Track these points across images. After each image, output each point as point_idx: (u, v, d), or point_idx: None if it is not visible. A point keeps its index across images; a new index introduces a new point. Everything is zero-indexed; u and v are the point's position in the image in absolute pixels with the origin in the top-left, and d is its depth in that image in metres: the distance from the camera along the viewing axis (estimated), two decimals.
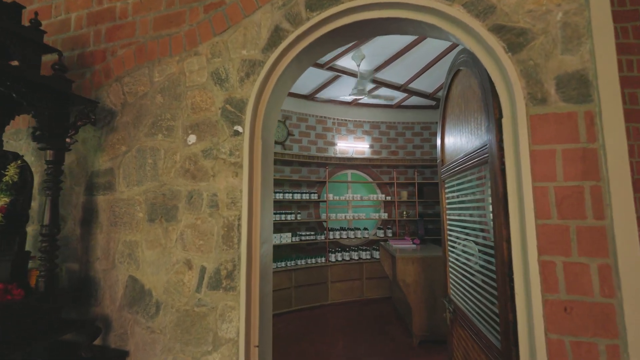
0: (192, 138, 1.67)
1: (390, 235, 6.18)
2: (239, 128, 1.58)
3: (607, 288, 1.03)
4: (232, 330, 1.48)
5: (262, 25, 1.60)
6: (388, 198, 6.26)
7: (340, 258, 5.71)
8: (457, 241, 1.91)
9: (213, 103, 1.65)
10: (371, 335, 4.21)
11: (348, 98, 6.03)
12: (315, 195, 5.82)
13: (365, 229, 6.07)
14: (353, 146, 6.39)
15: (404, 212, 6.33)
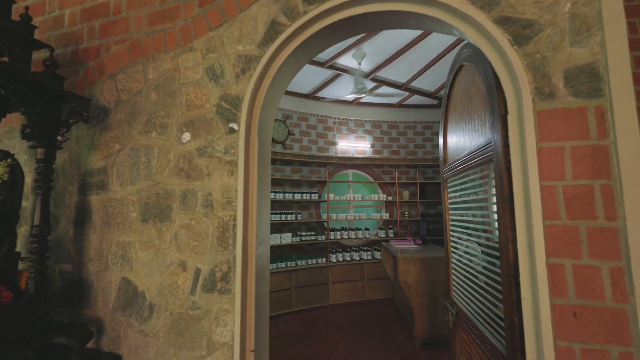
0: (187, 136, 1.62)
1: (391, 235, 6.12)
2: (234, 125, 1.53)
3: (620, 293, 0.98)
4: (227, 334, 1.43)
5: (259, 19, 1.55)
6: (389, 198, 6.20)
7: (341, 258, 5.66)
8: (460, 242, 1.86)
9: (208, 100, 1.60)
10: (372, 336, 4.16)
11: (349, 97, 5.97)
12: (316, 195, 5.76)
13: (366, 229, 6.01)
14: (354, 145, 6.33)
15: (406, 212, 6.26)
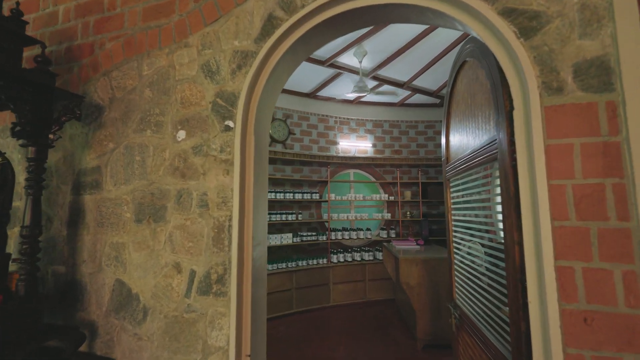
0: (182, 134, 1.58)
1: (393, 235, 6.06)
2: (230, 123, 1.49)
3: (633, 298, 0.92)
4: (222, 338, 1.38)
5: (255, 13, 1.50)
6: (391, 198, 6.14)
7: (342, 259, 5.61)
8: (463, 243, 1.81)
9: (203, 97, 1.56)
10: (374, 338, 4.10)
11: (350, 96, 5.92)
12: (317, 195, 5.72)
13: (367, 230, 5.95)
14: (355, 145, 6.28)
15: (408, 213, 6.20)
